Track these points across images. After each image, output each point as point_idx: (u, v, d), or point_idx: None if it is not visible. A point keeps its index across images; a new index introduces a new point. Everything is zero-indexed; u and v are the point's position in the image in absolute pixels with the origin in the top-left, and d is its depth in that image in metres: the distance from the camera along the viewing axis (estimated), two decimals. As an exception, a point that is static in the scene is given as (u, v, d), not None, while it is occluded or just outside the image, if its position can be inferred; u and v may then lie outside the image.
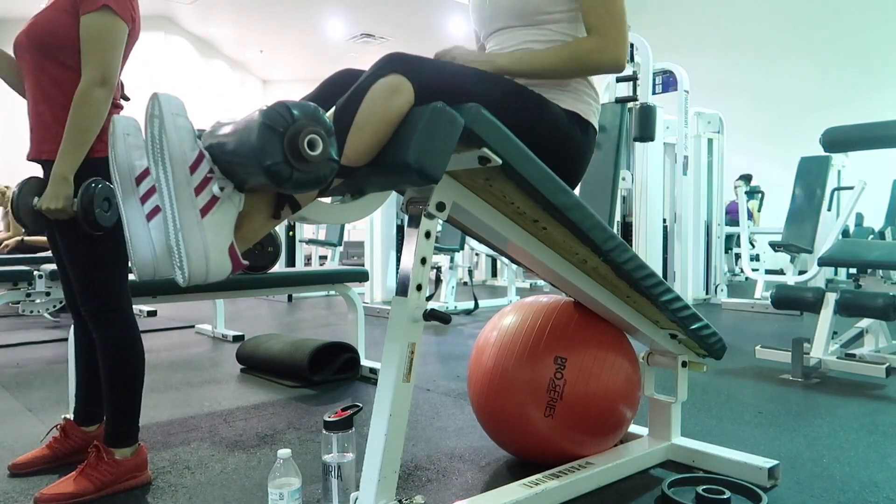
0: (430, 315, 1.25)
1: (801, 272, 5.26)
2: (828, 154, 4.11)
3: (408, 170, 1.11)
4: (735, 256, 7.93)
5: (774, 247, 5.28)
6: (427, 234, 1.26)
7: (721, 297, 5.95)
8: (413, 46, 12.26)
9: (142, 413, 1.75)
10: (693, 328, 1.68)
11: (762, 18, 9.68)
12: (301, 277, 3.02)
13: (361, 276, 3.13)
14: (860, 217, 7.33)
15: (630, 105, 4.91)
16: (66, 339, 1.94)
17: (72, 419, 1.88)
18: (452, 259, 5.62)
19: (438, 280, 5.45)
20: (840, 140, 3.45)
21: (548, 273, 1.60)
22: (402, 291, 1.25)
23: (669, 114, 5.68)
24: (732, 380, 2.94)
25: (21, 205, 1.61)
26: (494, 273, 8.72)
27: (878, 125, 3.37)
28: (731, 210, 7.79)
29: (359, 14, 10.51)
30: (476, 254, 7.92)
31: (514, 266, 6.04)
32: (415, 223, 1.26)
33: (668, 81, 5.81)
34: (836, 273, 6.33)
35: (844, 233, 5.42)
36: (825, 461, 1.88)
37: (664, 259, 5.70)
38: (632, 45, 5.10)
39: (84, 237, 1.58)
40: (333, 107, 1.20)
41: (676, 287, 5.74)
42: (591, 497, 1.62)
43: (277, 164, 0.99)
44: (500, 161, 1.19)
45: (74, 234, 1.59)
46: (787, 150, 7.59)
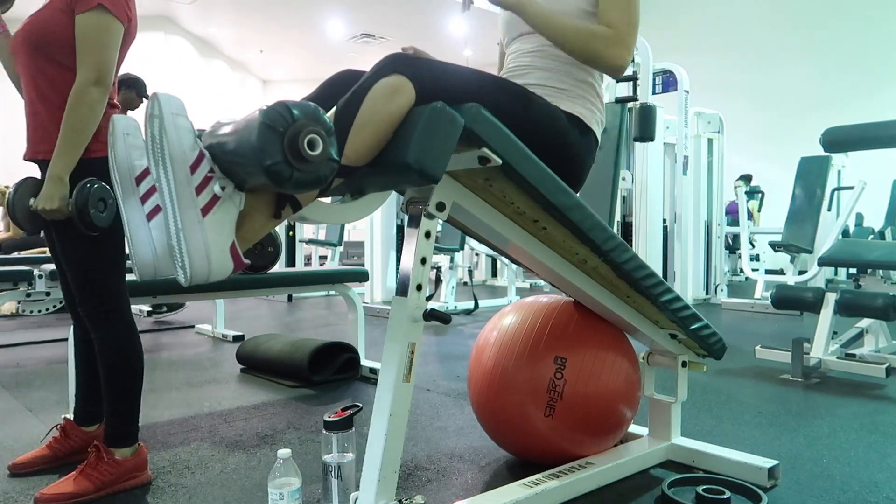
0: (430, 315, 1.25)
1: (801, 272, 5.26)
2: (828, 154, 4.11)
3: (408, 170, 1.11)
4: (740, 257, 7.90)
5: (774, 247, 5.28)
6: (427, 234, 1.26)
7: (721, 297, 5.95)
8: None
9: (142, 413, 1.75)
10: (693, 328, 1.68)
11: (762, 18, 9.68)
12: (301, 277, 3.02)
13: (361, 276, 3.13)
14: (860, 217, 7.33)
15: (630, 105, 4.91)
16: (66, 339, 1.94)
17: (72, 419, 1.88)
18: (452, 259, 5.62)
19: (438, 280, 5.45)
20: (840, 140, 3.45)
21: (548, 273, 1.60)
22: (402, 291, 1.25)
23: (669, 114, 5.68)
24: (732, 380, 2.94)
25: (17, 205, 1.60)
26: (494, 273, 8.72)
27: (878, 125, 3.37)
28: (732, 210, 7.79)
29: (359, 14, 10.51)
30: (476, 254, 7.92)
31: (514, 266, 6.04)
32: (415, 223, 1.26)
33: (668, 81, 5.81)
34: (836, 273, 6.33)
35: (844, 233, 5.42)
36: (825, 461, 1.88)
37: (664, 259, 5.69)
38: (631, 45, 5.09)
39: (81, 238, 1.58)
40: (334, 107, 1.20)
41: (676, 287, 5.74)
42: (591, 497, 1.62)
43: (277, 164, 0.99)
44: (500, 161, 1.19)
45: (71, 235, 1.59)
46: (787, 150, 7.59)
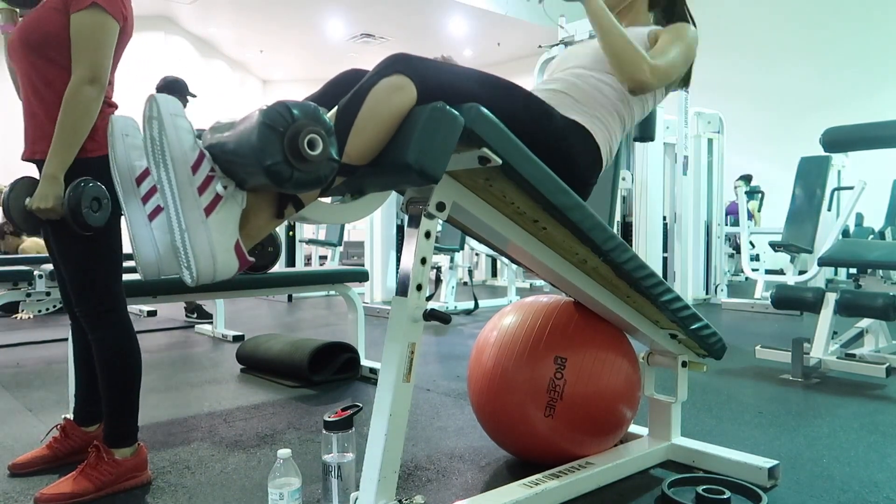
0: (430, 315, 1.25)
1: (801, 272, 5.26)
2: (828, 154, 4.11)
3: (408, 170, 1.11)
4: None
5: (774, 247, 5.28)
6: (427, 234, 1.26)
7: (721, 297, 5.95)
8: (413, 46, 12.21)
9: (142, 413, 1.75)
10: (693, 328, 1.68)
11: (762, 18, 9.68)
12: (301, 277, 3.02)
13: (361, 276, 3.13)
14: (860, 217, 7.32)
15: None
16: (66, 339, 1.94)
17: (71, 419, 1.88)
18: (452, 259, 5.62)
19: (438, 280, 5.45)
20: (840, 140, 3.45)
21: (548, 273, 1.60)
22: (402, 291, 1.25)
23: (669, 114, 5.68)
24: (732, 380, 2.94)
25: (12, 205, 1.60)
26: (494, 273, 8.72)
27: (878, 125, 3.37)
28: (732, 210, 7.78)
29: (359, 14, 10.51)
30: (476, 254, 7.92)
31: (514, 266, 6.04)
32: (415, 223, 1.26)
33: (668, 81, 5.80)
34: (836, 273, 6.33)
35: (844, 233, 5.42)
36: (825, 461, 1.88)
37: (664, 259, 5.69)
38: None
39: (77, 238, 1.57)
40: (335, 106, 1.20)
41: (676, 287, 5.74)
42: (591, 497, 1.62)
43: (277, 164, 0.99)
44: (500, 161, 1.19)
45: (67, 235, 1.58)
46: (787, 150, 7.60)
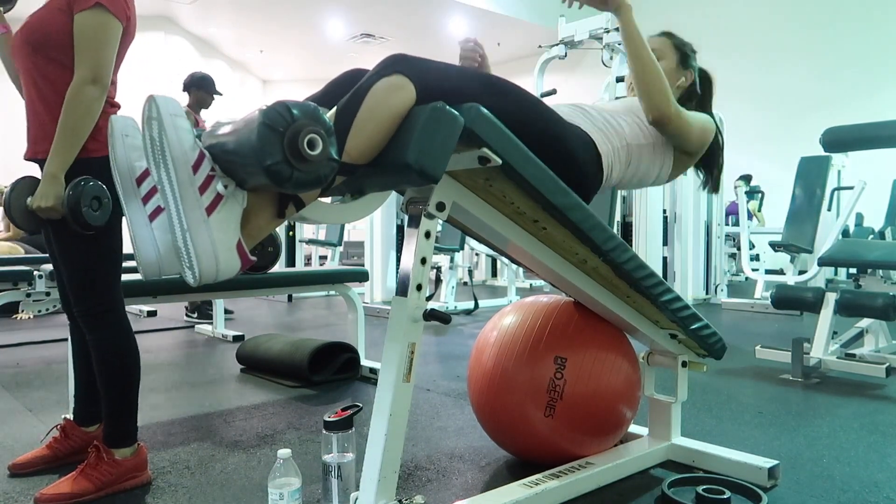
0: (430, 315, 1.25)
1: (801, 272, 5.26)
2: (828, 154, 4.11)
3: (408, 170, 1.11)
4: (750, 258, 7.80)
5: (774, 247, 5.28)
6: (427, 234, 1.26)
7: (721, 297, 5.95)
8: (413, 46, 12.20)
9: (142, 413, 1.75)
10: (693, 328, 1.68)
11: (762, 18, 9.68)
12: (301, 277, 3.02)
13: (361, 276, 3.13)
14: (860, 217, 7.32)
15: (630, 105, 4.90)
16: (66, 339, 1.94)
17: (71, 419, 1.88)
18: (452, 259, 5.62)
19: (438, 280, 5.45)
20: (840, 140, 3.45)
21: (548, 273, 1.60)
22: (402, 291, 1.25)
23: (669, 114, 5.67)
24: (732, 380, 2.94)
25: (14, 205, 1.60)
26: (494, 273, 8.72)
27: (878, 125, 3.37)
28: (732, 210, 7.78)
29: (359, 14, 10.50)
30: (476, 254, 7.92)
31: (514, 266, 6.04)
32: (415, 223, 1.26)
33: (668, 81, 5.80)
34: (836, 273, 6.33)
35: (844, 233, 5.42)
36: (825, 461, 1.88)
37: (664, 259, 5.69)
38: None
39: (77, 237, 1.57)
40: (336, 106, 1.20)
41: (676, 287, 5.73)
42: (591, 497, 1.62)
43: (277, 164, 0.99)
44: (500, 161, 1.19)
45: (67, 234, 1.58)
46: (787, 150, 7.59)
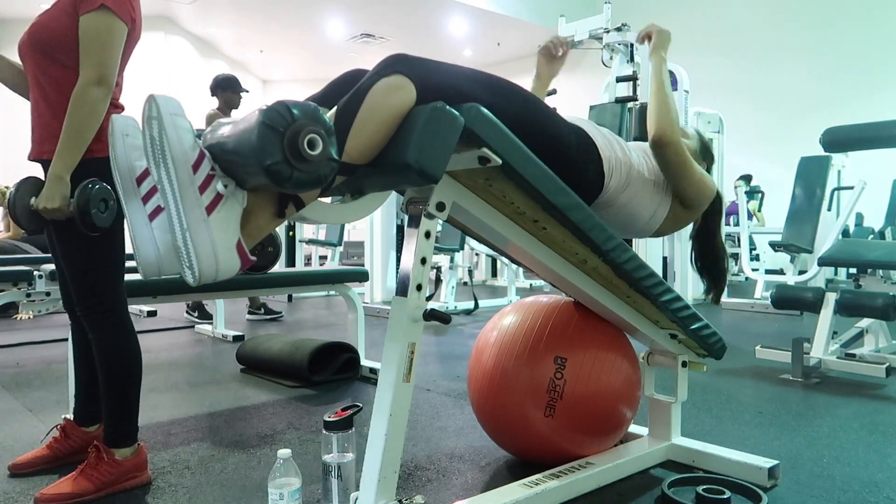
0: (430, 315, 1.25)
1: (801, 272, 5.26)
2: (828, 154, 4.11)
3: (408, 170, 1.11)
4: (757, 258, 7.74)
5: (774, 247, 5.28)
6: (427, 234, 1.26)
7: (721, 297, 5.94)
8: (413, 46, 12.19)
9: (142, 413, 1.75)
10: (693, 328, 1.69)
11: (762, 18, 9.68)
12: (301, 277, 3.02)
13: (361, 276, 3.13)
14: (860, 217, 7.32)
15: (630, 105, 4.91)
16: (66, 340, 1.94)
17: (72, 419, 1.88)
18: (452, 259, 5.62)
19: (438, 280, 5.45)
20: (840, 140, 3.45)
21: (548, 273, 1.60)
22: (402, 291, 1.25)
23: (669, 114, 5.67)
24: (732, 380, 2.94)
25: (18, 205, 1.60)
26: (494, 273, 8.72)
27: (878, 125, 3.37)
28: (732, 210, 7.77)
29: (359, 14, 10.50)
30: (476, 254, 7.92)
31: (514, 266, 6.04)
32: (415, 223, 1.26)
33: (668, 81, 5.80)
34: (836, 273, 6.32)
35: (844, 233, 5.42)
36: (825, 461, 1.88)
37: (664, 259, 5.69)
38: (631, 45, 5.10)
39: (80, 237, 1.57)
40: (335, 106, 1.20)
41: (676, 287, 5.73)
42: (591, 497, 1.62)
43: (277, 164, 0.99)
44: (500, 161, 1.19)
45: (71, 235, 1.59)
46: (787, 150, 7.59)
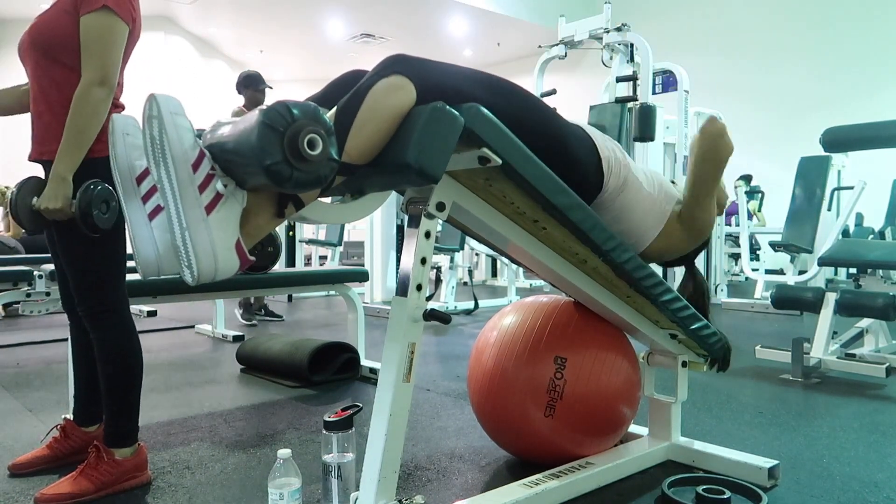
0: (430, 315, 1.25)
1: (801, 272, 5.26)
2: (828, 154, 4.11)
3: (408, 170, 1.11)
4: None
5: (774, 247, 5.28)
6: (427, 234, 1.26)
7: (721, 297, 5.95)
8: (413, 46, 12.17)
9: (142, 413, 1.75)
10: (693, 328, 1.69)
11: (762, 18, 9.68)
12: (301, 277, 3.02)
13: (361, 276, 3.13)
14: (860, 217, 7.31)
15: (630, 105, 4.91)
16: (67, 339, 1.94)
17: (71, 419, 1.88)
18: (452, 259, 5.62)
19: (438, 280, 5.45)
20: (840, 140, 3.45)
21: (548, 273, 1.60)
22: (402, 291, 1.25)
23: (669, 114, 5.67)
24: (732, 380, 2.94)
25: (20, 205, 1.60)
26: (494, 273, 8.72)
27: (878, 125, 3.36)
28: (732, 210, 7.76)
29: (359, 14, 10.50)
30: (476, 254, 7.92)
31: (514, 266, 6.04)
32: (415, 223, 1.26)
33: (668, 81, 5.81)
34: (836, 273, 6.32)
35: (844, 233, 5.42)
36: (825, 461, 1.88)
37: (664, 259, 5.68)
38: (631, 45, 5.10)
39: (82, 238, 1.57)
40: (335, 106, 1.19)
41: (676, 287, 5.72)
42: (591, 497, 1.62)
43: (277, 164, 0.99)
44: (500, 161, 1.19)
45: (72, 235, 1.59)
46: (787, 150, 7.59)
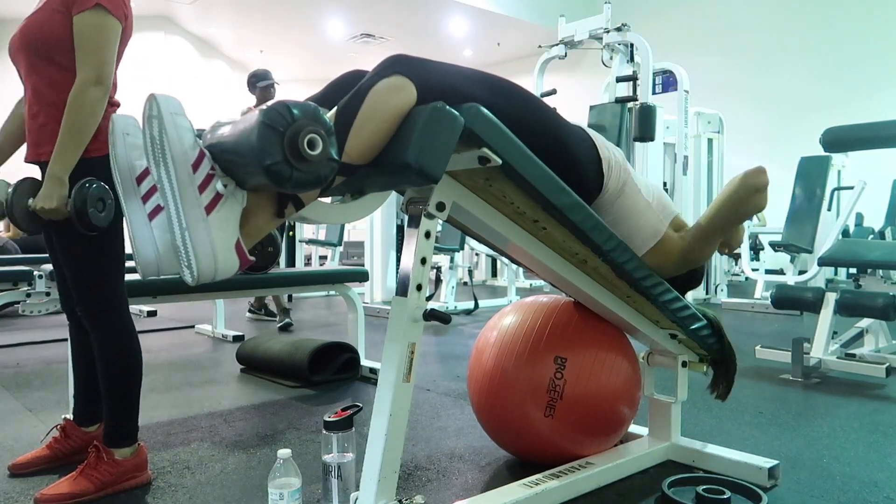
0: (430, 315, 1.25)
1: (801, 272, 5.26)
2: (828, 154, 4.11)
3: (408, 170, 1.11)
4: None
5: (774, 247, 5.28)
6: (427, 234, 1.26)
7: (721, 297, 5.95)
8: (413, 46, 12.16)
9: (142, 413, 1.75)
10: (693, 328, 1.68)
11: (762, 18, 9.68)
12: (301, 277, 3.02)
13: (361, 276, 3.13)
14: (860, 217, 7.31)
15: (630, 105, 4.91)
16: (66, 340, 1.94)
17: (71, 419, 1.88)
18: (452, 259, 5.62)
19: (438, 280, 5.45)
20: (840, 140, 3.44)
21: (548, 273, 1.60)
22: (402, 291, 1.25)
23: (669, 114, 5.68)
24: (732, 380, 2.93)
25: (16, 205, 1.59)
26: (494, 273, 8.72)
27: (878, 125, 3.36)
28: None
29: (359, 14, 10.50)
30: (476, 254, 7.92)
31: (514, 266, 6.04)
32: (415, 223, 1.26)
33: (668, 81, 5.81)
34: (836, 273, 6.32)
35: (844, 233, 5.42)
36: (825, 461, 1.88)
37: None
38: (631, 45, 5.10)
39: (80, 237, 1.57)
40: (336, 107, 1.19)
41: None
42: (591, 497, 1.62)
43: (277, 164, 0.99)
44: (500, 161, 1.19)
45: (70, 235, 1.58)
46: (787, 150, 7.58)
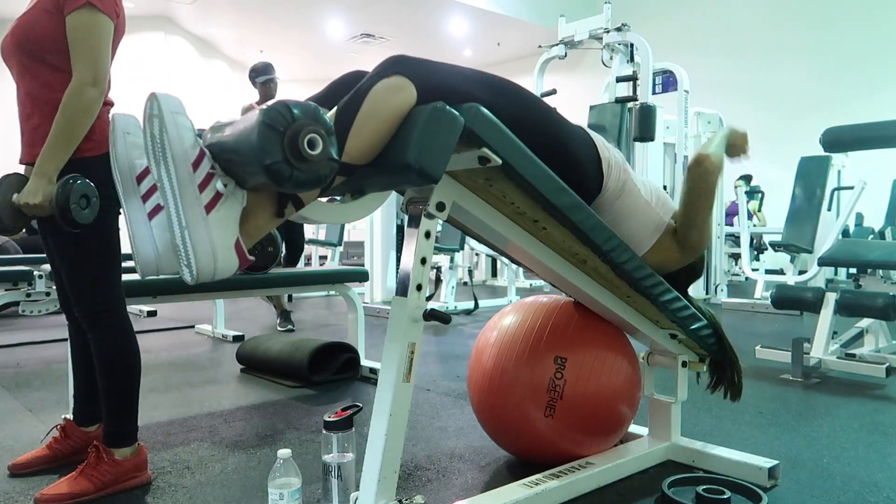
0: (430, 315, 1.25)
1: (801, 272, 5.26)
2: (828, 154, 4.11)
3: (408, 170, 1.11)
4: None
5: (774, 247, 5.28)
6: (427, 234, 1.26)
7: (721, 297, 5.95)
8: (413, 46, 12.16)
9: (142, 413, 1.75)
10: (693, 328, 1.68)
11: (762, 18, 9.68)
12: (301, 277, 3.02)
13: (361, 276, 3.13)
14: (860, 217, 7.31)
15: (630, 105, 4.92)
16: (66, 340, 1.94)
17: (71, 419, 1.88)
18: (452, 259, 5.62)
19: (438, 280, 5.45)
20: (840, 140, 3.45)
21: (548, 273, 1.60)
22: (402, 291, 1.25)
23: (669, 114, 5.68)
24: (732, 380, 2.94)
25: (1, 201, 1.59)
26: (494, 273, 8.72)
27: (878, 125, 3.36)
28: (733, 211, 7.77)
29: (359, 14, 10.51)
30: (476, 254, 7.92)
31: (514, 266, 6.04)
32: (415, 223, 1.26)
33: (668, 81, 5.81)
34: (836, 273, 6.32)
35: (844, 233, 5.42)
36: (825, 461, 1.88)
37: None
38: (631, 45, 5.10)
39: (74, 237, 1.56)
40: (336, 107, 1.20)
41: (676, 287, 5.72)
42: (591, 497, 1.62)
43: (277, 164, 0.99)
44: (500, 161, 1.19)
45: (63, 234, 1.57)
46: (787, 150, 7.58)
